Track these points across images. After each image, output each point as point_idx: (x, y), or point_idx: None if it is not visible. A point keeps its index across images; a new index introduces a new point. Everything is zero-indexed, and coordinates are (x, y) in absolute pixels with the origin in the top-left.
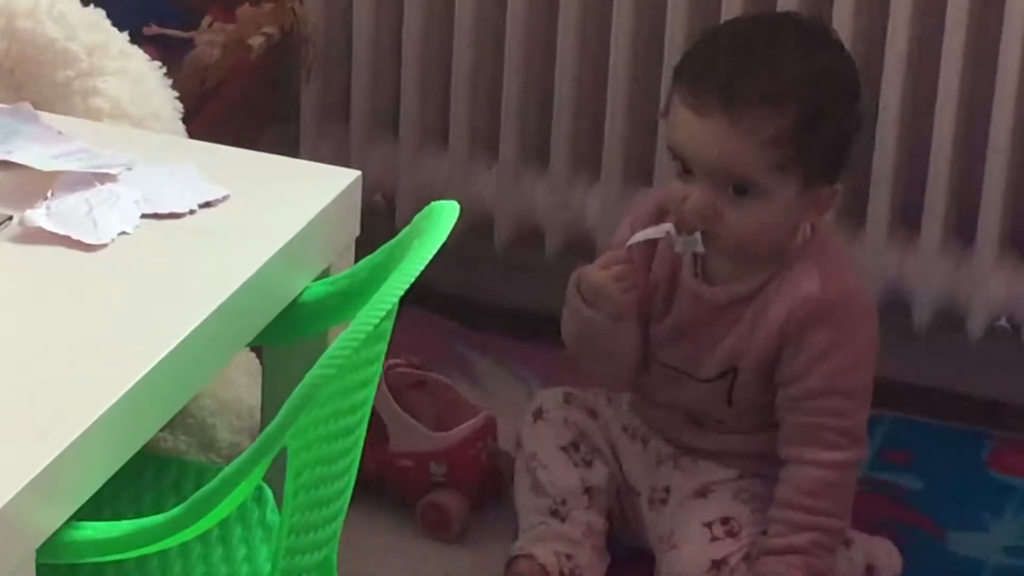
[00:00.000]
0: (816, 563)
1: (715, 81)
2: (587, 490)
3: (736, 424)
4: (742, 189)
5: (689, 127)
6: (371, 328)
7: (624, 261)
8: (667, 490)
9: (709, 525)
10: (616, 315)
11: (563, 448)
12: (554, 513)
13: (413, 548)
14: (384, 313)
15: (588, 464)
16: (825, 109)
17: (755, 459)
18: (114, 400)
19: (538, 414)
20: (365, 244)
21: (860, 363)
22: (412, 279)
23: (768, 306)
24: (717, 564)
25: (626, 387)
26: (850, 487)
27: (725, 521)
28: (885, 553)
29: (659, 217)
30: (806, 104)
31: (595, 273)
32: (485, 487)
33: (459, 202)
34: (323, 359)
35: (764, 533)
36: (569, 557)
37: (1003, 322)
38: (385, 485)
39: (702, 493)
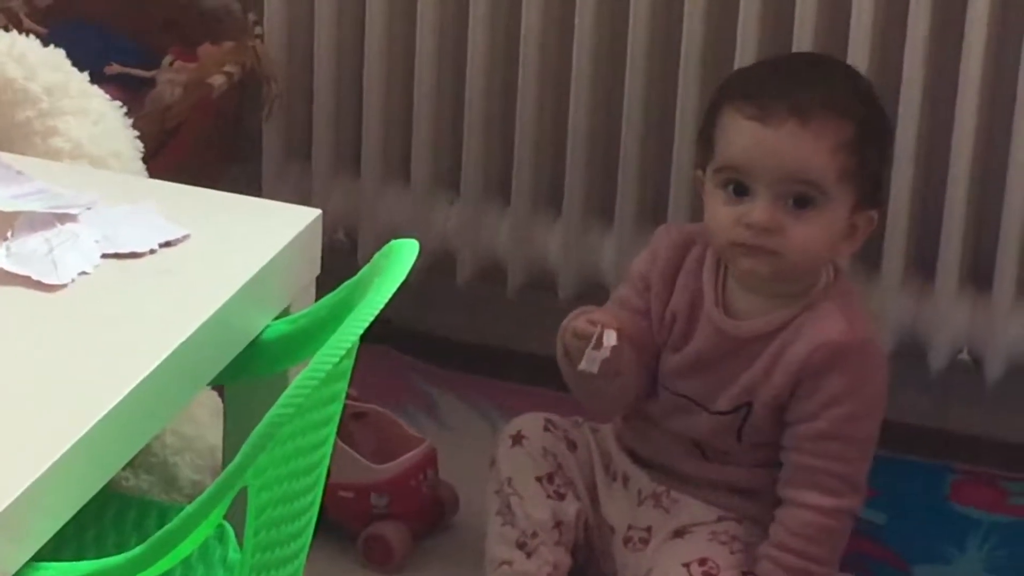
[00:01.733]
0: None
1: (779, 92)
2: (557, 524)
3: (740, 458)
4: (804, 201)
5: (755, 139)
6: (330, 367)
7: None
8: (648, 530)
9: (687, 565)
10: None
11: (539, 479)
12: (521, 546)
13: None
14: (344, 352)
15: (561, 497)
16: (876, 129)
17: (746, 496)
18: (75, 440)
19: (517, 439)
20: (327, 282)
21: (871, 412)
22: (372, 317)
23: (789, 346)
24: None
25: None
26: (844, 535)
27: (703, 562)
28: None
29: (685, 249)
30: (863, 119)
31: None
32: (427, 518)
33: (422, 239)
34: (283, 398)
35: (745, 574)
36: None
37: (964, 355)
38: (327, 517)
39: (680, 534)
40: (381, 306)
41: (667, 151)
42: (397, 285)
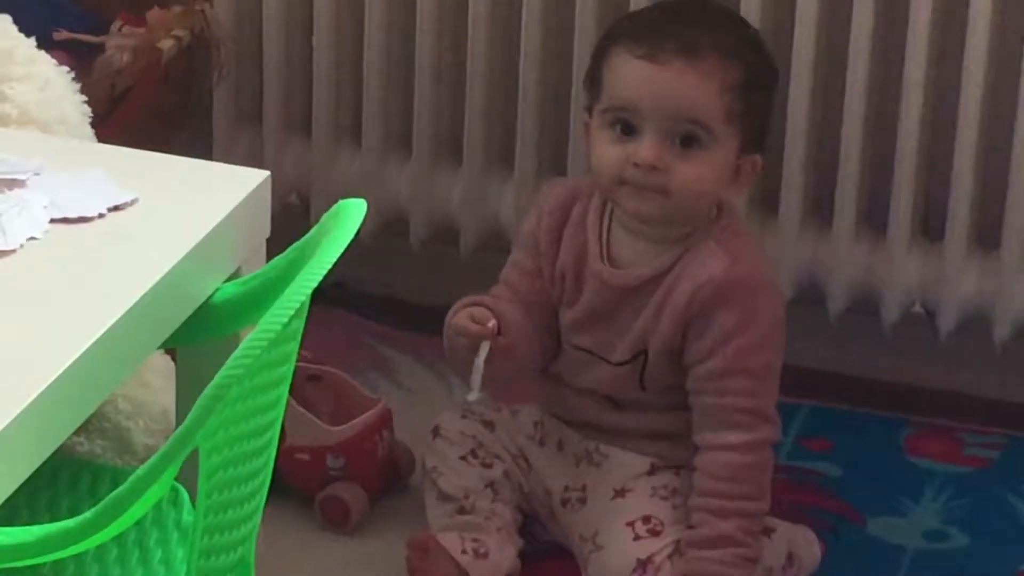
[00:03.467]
0: (747, 552)
1: (669, 31)
2: (488, 484)
3: (653, 403)
4: (690, 140)
5: (643, 77)
6: (279, 327)
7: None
8: (583, 488)
9: (631, 524)
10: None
11: (461, 457)
12: (460, 511)
13: (313, 541)
14: (292, 312)
15: (488, 466)
16: (763, 74)
17: (672, 440)
18: (26, 403)
19: (435, 432)
20: (280, 245)
21: (766, 343)
22: (320, 277)
23: (674, 288)
24: (643, 563)
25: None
26: (765, 467)
27: (647, 520)
28: (805, 540)
29: (569, 205)
30: (751, 64)
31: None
32: (383, 479)
33: (374, 201)
34: (231, 360)
35: (690, 527)
36: (475, 539)
37: (917, 308)
38: (283, 479)
39: (620, 493)
40: (330, 266)
41: None
42: (346, 244)
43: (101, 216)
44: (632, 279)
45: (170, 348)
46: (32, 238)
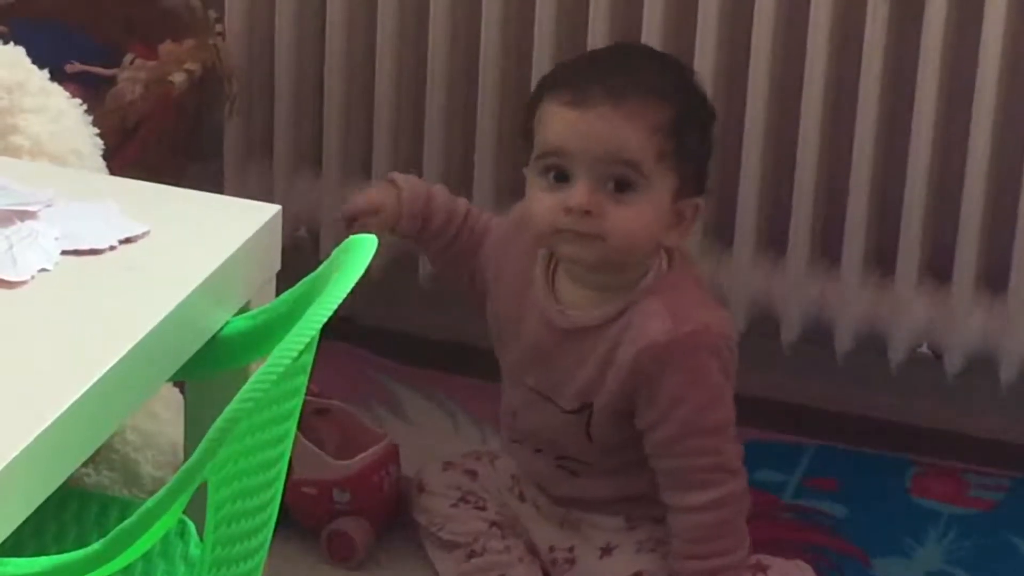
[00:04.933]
0: None
1: (595, 77)
2: (493, 523)
3: (601, 465)
4: (623, 185)
5: (570, 122)
6: (289, 361)
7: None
8: (571, 549)
9: None
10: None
11: (453, 506)
12: (471, 554)
13: (319, 575)
14: (303, 346)
15: (482, 508)
16: (697, 115)
17: (635, 501)
18: (35, 435)
19: (420, 487)
20: (290, 279)
21: (715, 399)
22: (331, 311)
23: (617, 347)
24: None
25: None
26: (739, 517)
27: (639, 575)
28: (799, 571)
29: (516, 235)
30: (682, 104)
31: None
32: (389, 513)
33: (383, 235)
34: (241, 393)
35: None
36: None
37: (924, 349)
38: (289, 513)
39: (607, 551)
40: (340, 300)
41: None
42: (356, 279)
43: (112, 248)
44: (575, 322)
45: (179, 381)
46: (43, 269)
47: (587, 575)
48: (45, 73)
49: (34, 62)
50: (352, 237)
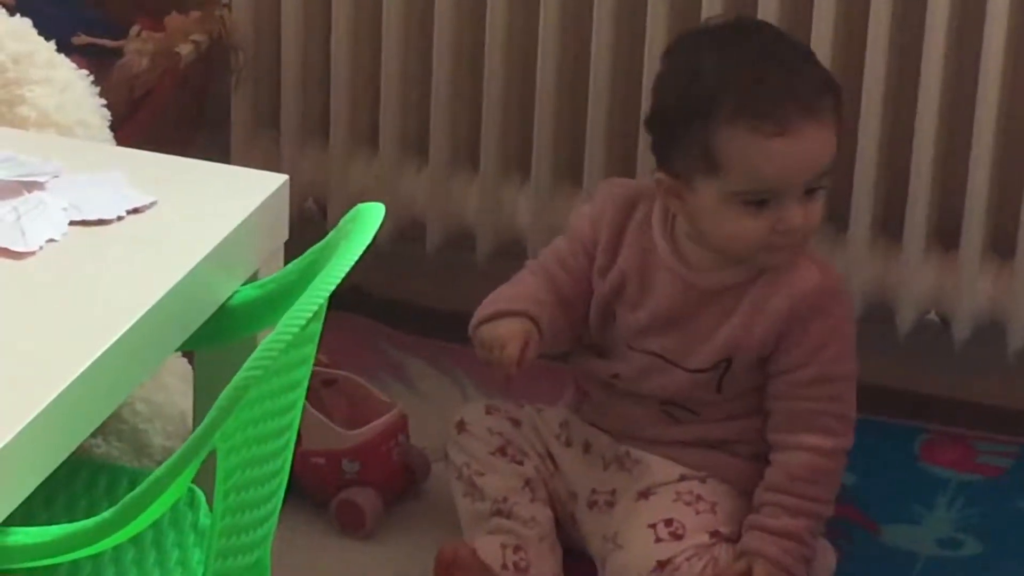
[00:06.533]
0: (807, 552)
1: (778, 96)
2: (526, 483)
3: (714, 413)
4: (814, 188)
5: (781, 154)
6: (297, 330)
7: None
8: (612, 492)
9: (653, 526)
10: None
11: (492, 453)
12: (497, 512)
13: (328, 545)
14: (310, 315)
15: (519, 463)
16: (832, 81)
17: (715, 449)
18: (45, 404)
19: (460, 426)
20: (297, 251)
21: (851, 349)
22: (338, 280)
23: (767, 299)
24: (662, 564)
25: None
26: (840, 474)
27: (668, 523)
28: (820, 547)
29: (631, 208)
30: (833, 81)
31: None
32: (398, 483)
33: (391, 206)
34: (250, 361)
35: (713, 534)
36: (516, 549)
37: (932, 316)
38: (299, 483)
39: (644, 495)
40: (348, 268)
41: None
42: (364, 248)
43: (120, 218)
44: (715, 282)
45: (188, 351)
46: (51, 240)
47: (622, 515)
48: (52, 45)
49: (41, 34)
50: (359, 205)
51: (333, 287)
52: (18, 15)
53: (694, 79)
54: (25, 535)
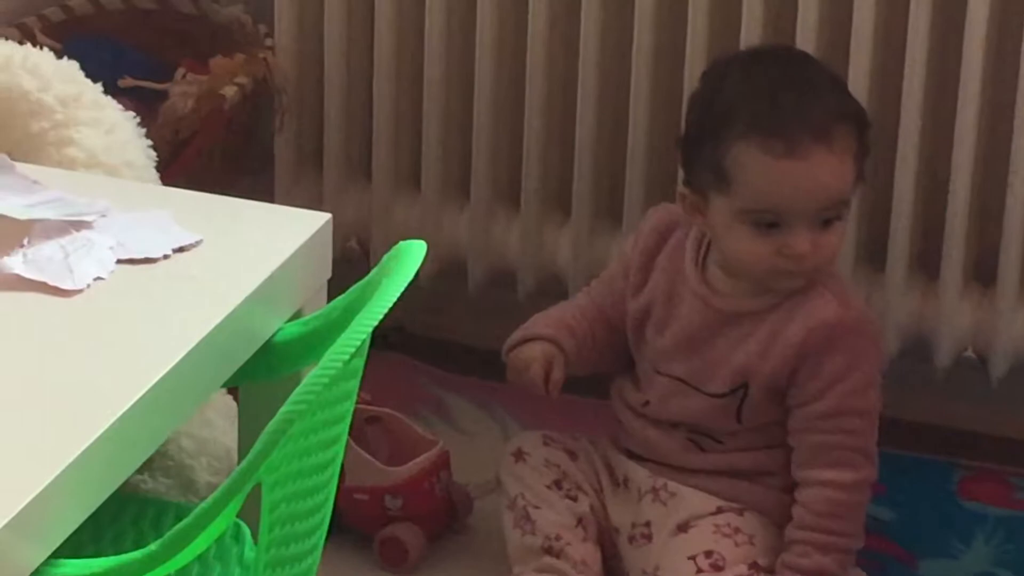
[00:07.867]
0: None
1: (792, 117)
2: (579, 521)
3: (738, 442)
4: (830, 218)
5: (787, 175)
6: (341, 364)
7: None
8: (648, 525)
9: (694, 558)
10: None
11: (548, 487)
12: (548, 550)
13: None
14: (354, 350)
15: (574, 499)
16: (860, 111)
17: (747, 480)
18: (90, 441)
19: (518, 455)
20: (340, 290)
21: (872, 383)
22: (381, 316)
23: (784, 327)
24: None
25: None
26: (864, 505)
27: (709, 554)
28: None
29: (667, 233)
30: (858, 112)
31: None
32: (441, 519)
33: (433, 245)
34: (295, 395)
35: (751, 566)
36: None
37: (969, 353)
38: (343, 519)
39: (683, 528)
40: (390, 305)
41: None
42: (406, 284)
43: (166, 257)
44: (737, 306)
45: (232, 387)
46: (99, 278)
47: (660, 549)
48: (99, 87)
49: (87, 76)
50: (401, 242)
51: (376, 323)
52: (65, 57)
53: (716, 96)
54: (74, 567)
